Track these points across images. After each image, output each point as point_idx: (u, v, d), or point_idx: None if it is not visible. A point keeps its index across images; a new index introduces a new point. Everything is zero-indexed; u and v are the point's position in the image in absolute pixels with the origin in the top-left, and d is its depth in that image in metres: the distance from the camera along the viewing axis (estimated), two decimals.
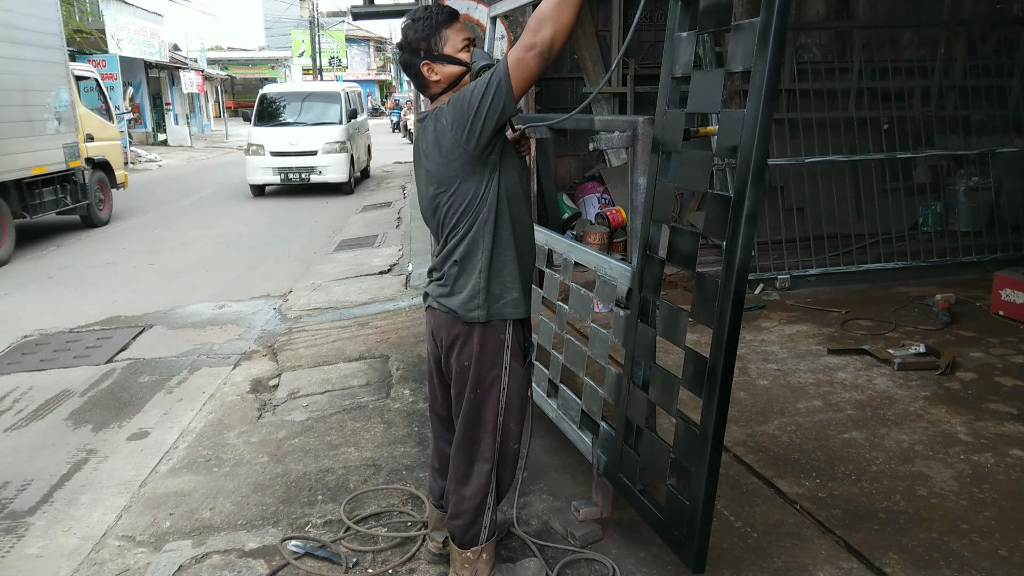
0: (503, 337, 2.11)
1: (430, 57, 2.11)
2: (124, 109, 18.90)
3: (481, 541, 2.21)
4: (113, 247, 8.65)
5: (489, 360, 2.10)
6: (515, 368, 2.15)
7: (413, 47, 2.12)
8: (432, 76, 2.12)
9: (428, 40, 2.11)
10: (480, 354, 2.09)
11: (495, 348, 2.10)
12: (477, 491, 2.18)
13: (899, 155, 5.96)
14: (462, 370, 2.13)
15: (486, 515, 2.20)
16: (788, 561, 2.45)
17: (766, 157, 1.89)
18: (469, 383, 2.12)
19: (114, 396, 4.19)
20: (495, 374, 2.12)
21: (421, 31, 2.10)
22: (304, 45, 38.72)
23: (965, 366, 4.04)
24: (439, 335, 2.17)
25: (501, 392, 2.13)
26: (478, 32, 4.99)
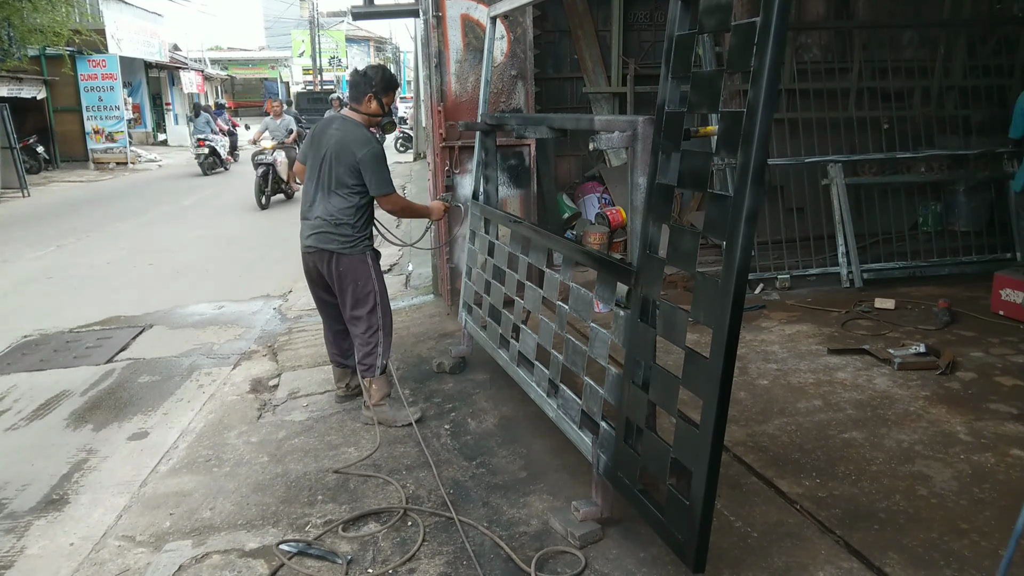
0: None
1: (374, 94, 3.45)
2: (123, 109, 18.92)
3: (373, 373, 3.55)
4: (113, 247, 8.64)
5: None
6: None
7: (371, 82, 3.43)
8: (367, 105, 3.47)
9: (383, 88, 3.46)
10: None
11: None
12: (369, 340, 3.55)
13: (899, 155, 5.96)
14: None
15: (379, 356, 3.55)
16: (788, 561, 2.45)
17: (766, 157, 1.89)
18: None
19: (114, 396, 4.19)
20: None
21: (383, 80, 3.45)
22: (304, 45, 38.72)
23: (965, 366, 4.04)
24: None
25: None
26: (478, 32, 4.99)
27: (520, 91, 5.17)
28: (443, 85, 5.04)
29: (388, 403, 3.59)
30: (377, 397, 3.55)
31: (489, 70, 4.24)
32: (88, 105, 18.59)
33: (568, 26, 7.11)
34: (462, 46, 5.03)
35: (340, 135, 3.39)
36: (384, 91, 3.44)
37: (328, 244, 3.41)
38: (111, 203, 12.49)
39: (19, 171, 13.78)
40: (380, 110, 3.47)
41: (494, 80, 4.94)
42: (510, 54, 5.09)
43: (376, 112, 3.47)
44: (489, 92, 4.33)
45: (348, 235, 3.40)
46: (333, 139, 3.40)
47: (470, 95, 5.05)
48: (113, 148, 18.89)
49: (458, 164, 5.07)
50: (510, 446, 3.35)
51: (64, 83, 18.10)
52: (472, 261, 4.26)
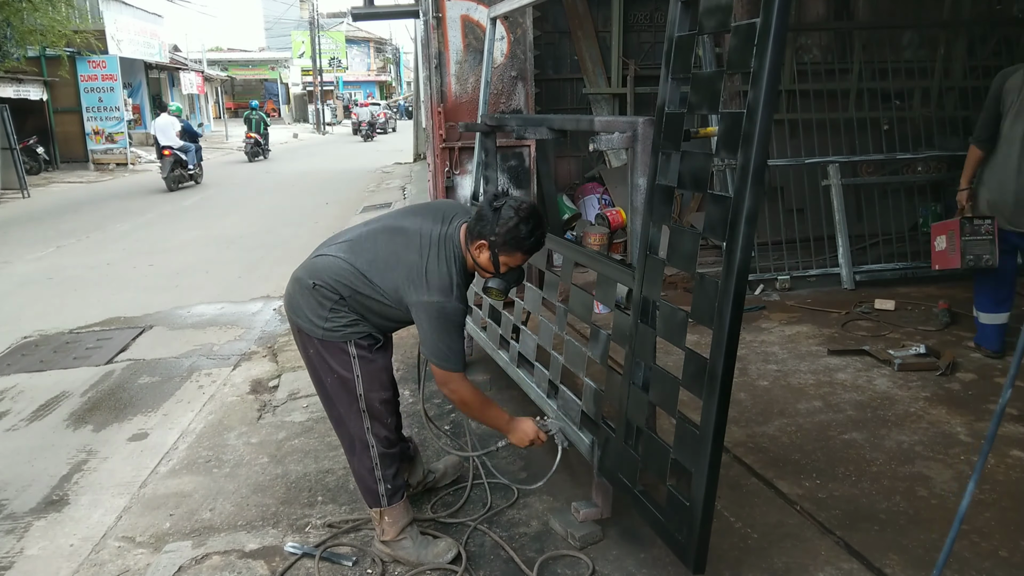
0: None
1: (490, 245, 2.29)
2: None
3: (380, 504, 2.52)
4: (113, 247, 8.65)
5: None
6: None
7: (495, 230, 2.27)
8: (477, 249, 2.32)
9: (506, 243, 2.28)
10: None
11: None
12: (362, 461, 2.52)
13: (899, 155, 5.96)
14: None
15: (379, 483, 2.50)
16: (788, 562, 2.45)
17: (766, 157, 1.89)
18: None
19: (114, 397, 4.19)
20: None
21: (513, 234, 2.27)
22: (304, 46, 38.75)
23: (965, 367, 4.04)
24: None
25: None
26: (478, 33, 5.00)
27: (520, 92, 5.17)
28: (443, 86, 5.04)
29: (409, 536, 2.56)
30: (392, 533, 2.54)
31: (489, 71, 4.24)
32: (88, 106, 18.62)
33: (568, 27, 7.11)
34: (462, 47, 5.03)
35: (422, 239, 2.34)
36: (506, 248, 2.28)
37: (294, 312, 2.43)
38: (111, 204, 12.49)
39: (19, 172, 13.79)
40: (491, 266, 2.32)
41: (494, 81, 4.94)
42: (510, 55, 5.10)
43: (484, 266, 2.34)
44: (489, 93, 4.34)
45: (319, 308, 2.36)
46: (414, 232, 2.37)
47: (470, 96, 5.05)
48: (113, 149, 18.92)
49: (458, 165, 5.07)
50: (510, 446, 3.34)
51: (64, 84, 18.11)
52: None
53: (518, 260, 2.34)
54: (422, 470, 2.94)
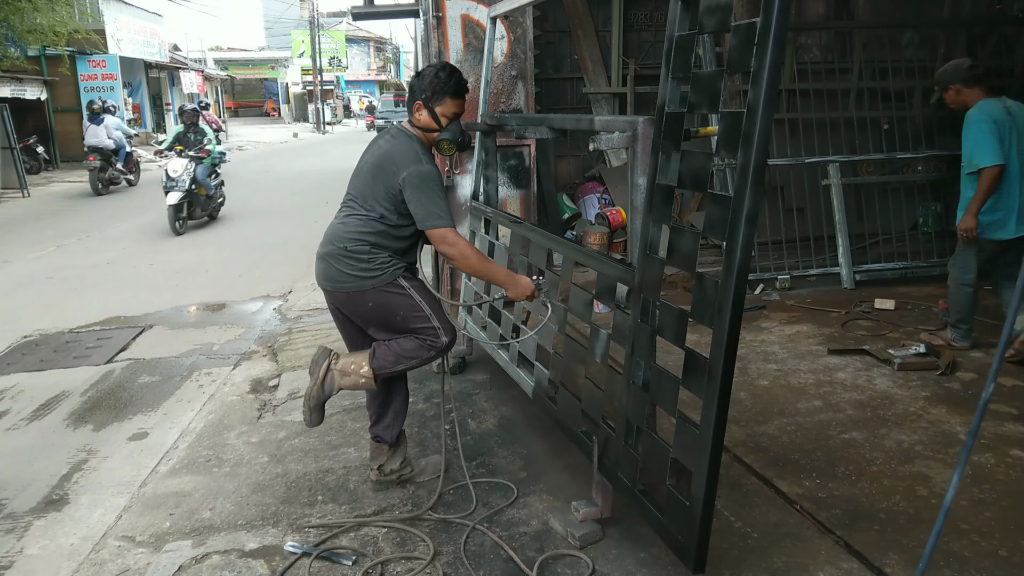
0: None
1: (424, 102, 2.73)
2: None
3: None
4: (113, 247, 8.64)
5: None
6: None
7: (423, 86, 2.73)
8: (417, 112, 2.75)
9: (434, 93, 2.71)
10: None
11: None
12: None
13: (899, 155, 5.96)
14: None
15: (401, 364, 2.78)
16: (788, 561, 2.45)
17: (766, 157, 1.89)
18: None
19: (114, 396, 4.19)
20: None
21: (434, 83, 2.71)
22: (304, 45, 38.73)
23: (965, 366, 4.04)
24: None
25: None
26: (478, 32, 4.99)
27: (520, 91, 5.17)
28: None
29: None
30: (349, 382, 2.86)
31: (489, 70, 4.24)
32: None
33: (568, 26, 7.11)
34: (462, 46, 5.03)
35: (386, 147, 2.74)
36: (437, 96, 2.70)
37: (332, 281, 2.73)
38: (111, 203, 12.49)
39: (19, 171, 13.78)
40: (432, 123, 2.72)
41: (494, 80, 4.94)
42: (510, 54, 5.09)
43: (427, 125, 2.73)
44: (489, 92, 4.33)
45: (360, 264, 2.67)
46: (376, 151, 2.78)
47: (470, 95, 5.04)
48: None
49: (458, 164, 5.07)
50: (510, 446, 3.35)
51: (64, 83, 18.12)
52: None
53: (449, 107, 2.74)
54: (402, 459, 3.05)
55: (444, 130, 2.75)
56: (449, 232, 2.59)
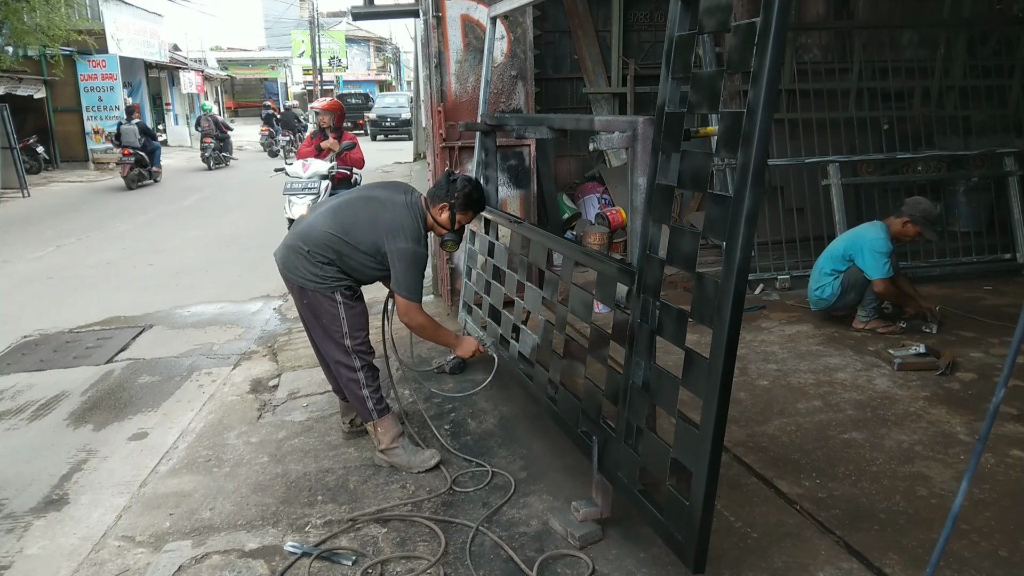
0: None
1: (450, 207, 3.09)
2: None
3: (373, 417, 3.15)
4: (113, 247, 8.65)
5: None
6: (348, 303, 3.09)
7: (454, 193, 3.09)
8: (440, 211, 3.12)
9: (462, 204, 3.11)
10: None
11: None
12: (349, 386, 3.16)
13: (899, 155, 5.96)
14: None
15: (368, 400, 3.14)
16: (788, 561, 2.45)
17: (766, 157, 1.89)
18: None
19: (114, 396, 4.19)
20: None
21: (466, 198, 3.11)
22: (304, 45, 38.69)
23: (965, 366, 4.04)
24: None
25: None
26: (478, 32, 4.99)
27: (520, 91, 5.17)
28: (443, 85, 5.04)
29: (401, 445, 3.17)
30: (387, 441, 3.14)
31: (489, 70, 4.24)
32: (88, 105, 18.62)
33: (568, 26, 7.11)
34: (462, 46, 5.03)
35: (395, 199, 3.06)
36: (462, 208, 3.11)
37: (290, 271, 3.06)
38: (111, 203, 12.49)
39: (19, 171, 13.78)
40: (449, 224, 3.12)
41: (494, 80, 4.94)
42: (510, 54, 5.10)
43: (444, 224, 3.12)
44: (489, 92, 4.34)
45: (313, 268, 3.02)
46: (385, 199, 3.08)
47: (470, 95, 5.05)
48: (113, 148, 18.87)
49: (458, 164, 5.07)
50: (510, 446, 3.35)
51: (64, 83, 18.10)
52: (472, 261, 4.26)
53: (469, 218, 3.18)
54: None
55: (454, 232, 3.18)
56: (413, 307, 3.02)
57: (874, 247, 4.50)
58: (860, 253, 4.55)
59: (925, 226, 4.54)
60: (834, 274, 4.68)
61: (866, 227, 4.69)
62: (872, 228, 4.62)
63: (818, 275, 4.78)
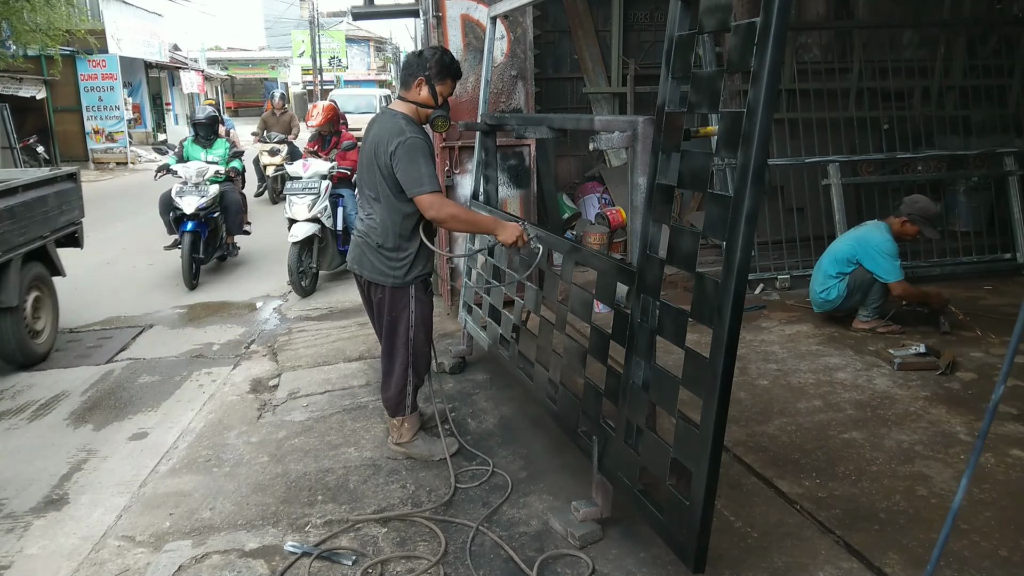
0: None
1: (426, 79, 2.96)
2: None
3: (404, 412, 3.18)
4: (113, 247, 8.64)
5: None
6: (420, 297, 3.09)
7: (426, 64, 2.95)
8: (417, 88, 2.97)
9: (439, 72, 2.96)
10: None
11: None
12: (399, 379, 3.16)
13: (899, 155, 5.96)
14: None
15: (407, 396, 3.17)
16: (788, 561, 2.45)
17: (766, 157, 1.89)
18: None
19: (114, 396, 4.19)
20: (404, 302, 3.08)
21: (439, 64, 2.96)
22: (304, 45, 38.68)
23: (965, 366, 4.04)
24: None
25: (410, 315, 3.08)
26: (478, 32, 4.99)
27: (520, 91, 5.17)
28: None
29: (420, 437, 3.28)
30: (408, 436, 3.25)
31: (489, 70, 4.24)
32: (88, 105, 18.60)
33: (568, 26, 7.11)
34: (462, 46, 5.03)
35: (377, 130, 2.96)
36: (440, 76, 2.96)
37: (367, 270, 3.05)
38: (111, 203, 12.49)
39: None
40: (431, 100, 2.97)
41: (494, 80, 4.94)
42: (510, 54, 5.09)
43: (426, 101, 2.96)
44: (489, 92, 4.34)
45: (389, 261, 2.98)
46: (371, 137, 2.98)
47: (470, 95, 5.05)
48: (113, 148, 18.90)
49: (458, 164, 5.07)
50: (510, 446, 3.35)
51: (64, 83, 18.09)
52: (472, 261, 4.26)
53: (448, 87, 3.02)
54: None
55: (440, 108, 3.02)
56: (434, 198, 2.81)
57: (882, 249, 4.49)
58: (869, 257, 4.53)
59: (923, 224, 4.53)
60: (840, 276, 4.65)
61: (869, 228, 4.67)
62: (876, 230, 4.61)
63: (823, 277, 4.74)
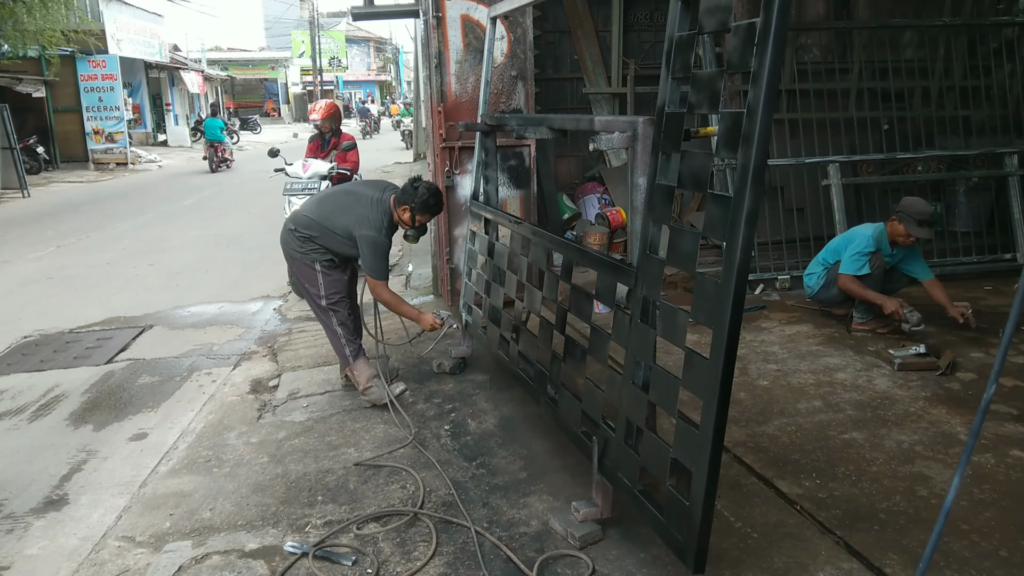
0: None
1: (411, 209, 3.68)
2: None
3: (348, 362, 3.87)
4: (113, 247, 8.65)
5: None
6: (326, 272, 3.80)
7: (415, 199, 3.66)
8: (402, 211, 3.71)
9: (421, 207, 3.68)
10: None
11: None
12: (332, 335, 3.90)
13: (899, 155, 5.96)
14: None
15: (345, 348, 3.87)
16: (788, 561, 2.45)
17: (766, 157, 1.89)
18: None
19: (114, 397, 4.19)
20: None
21: (424, 203, 3.68)
22: (304, 46, 38.70)
23: (965, 366, 4.04)
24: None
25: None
26: (478, 32, 4.99)
27: (520, 91, 5.17)
28: (443, 86, 5.04)
29: (375, 384, 3.84)
30: (363, 381, 3.83)
31: (489, 71, 4.24)
32: (88, 105, 18.62)
33: (568, 26, 7.12)
34: (462, 46, 5.03)
35: (367, 199, 3.71)
36: (422, 211, 3.69)
37: (287, 245, 3.81)
38: (111, 203, 12.50)
39: (19, 171, 13.79)
40: (410, 223, 3.73)
41: (494, 81, 4.94)
42: (510, 54, 5.09)
43: (406, 222, 3.73)
44: (489, 93, 4.34)
45: (304, 247, 3.73)
46: (361, 194, 3.76)
47: (470, 95, 5.05)
48: (113, 148, 18.92)
49: (458, 164, 5.07)
50: (510, 447, 3.35)
51: (64, 83, 18.11)
52: (472, 262, 4.26)
53: (427, 218, 3.77)
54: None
55: (415, 229, 3.78)
56: (381, 284, 3.70)
57: (856, 244, 4.59)
58: (845, 250, 4.65)
59: (907, 221, 4.49)
60: (824, 264, 4.79)
61: (862, 226, 4.76)
62: (865, 228, 4.68)
63: (812, 264, 4.92)
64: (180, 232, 9.56)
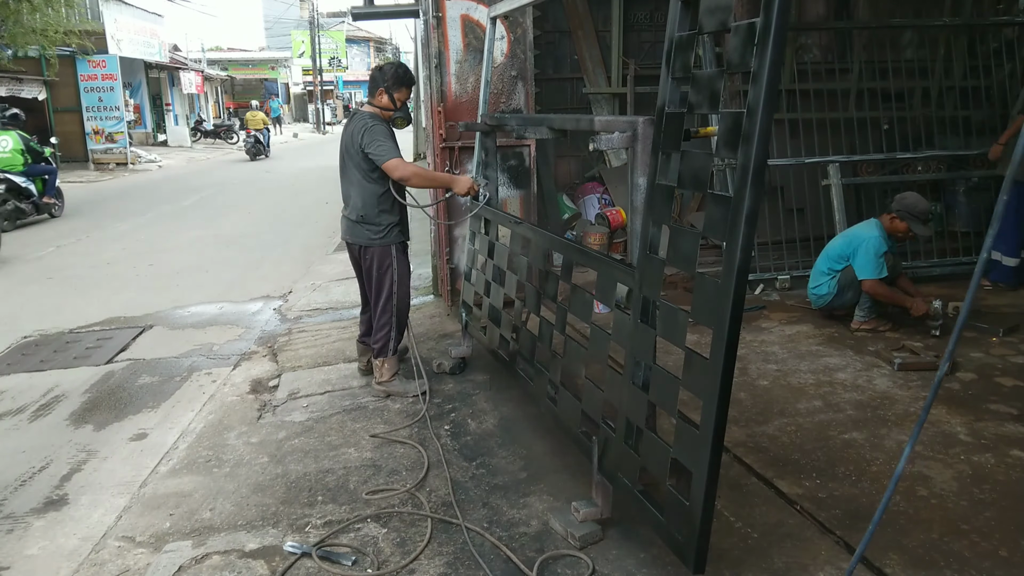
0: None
1: (385, 89, 3.70)
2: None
3: (386, 354, 3.87)
4: (113, 247, 8.65)
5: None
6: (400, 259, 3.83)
7: (385, 78, 3.71)
8: (379, 96, 3.72)
9: (394, 83, 3.70)
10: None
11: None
12: (384, 325, 3.87)
13: (899, 155, 5.96)
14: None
15: (390, 341, 3.88)
16: (788, 561, 2.45)
17: (766, 157, 1.89)
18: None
19: (114, 397, 4.19)
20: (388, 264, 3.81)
21: (395, 76, 3.70)
22: (304, 46, 38.72)
23: (965, 366, 4.04)
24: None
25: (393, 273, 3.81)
26: (478, 33, 4.99)
27: (520, 92, 5.17)
28: (443, 86, 5.04)
29: (398, 379, 3.93)
30: (388, 376, 3.91)
31: (489, 71, 4.24)
32: (88, 106, 18.62)
33: (568, 26, 7.11)
34: (462, 47, 5.03)
35: (350, 127, 3.71)
36: (395, 86, 3.68)
37: (357, 238, 3.79)
38: (111, 203, 12.50)
39: None
40: (391, 104, 3.70)
41: (494, 81, 4.94)
42: (510, 55, 5.09)
43: (387, 106, 3.70)
44: (489, 93, 4.33)
45: (373, 228, 3.73)
46: (346, 133, 3.73)
47: (470, 96, 5.05)
48: (113, 149, 18.91)
49: (458, 165, 5.07)
50: (510, 447, 3.35)
51: (64, 83, 18.10)
52: (472, 262, 4.26)
53: (404, 93, 3.73)
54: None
55: (399, 110, 3.73)
56: (397, 161, 3.55)
57: (869, 247, 4.52)
58: (855, 253, 4.58)
59: (911, 220, 4.51)
60: (831, 273, 4.71)
61: (862, 226, 4.72)
62: (868, 227, 4.65)
63: (816, 274, 4.83)
64: (180, 232, 9.56)
